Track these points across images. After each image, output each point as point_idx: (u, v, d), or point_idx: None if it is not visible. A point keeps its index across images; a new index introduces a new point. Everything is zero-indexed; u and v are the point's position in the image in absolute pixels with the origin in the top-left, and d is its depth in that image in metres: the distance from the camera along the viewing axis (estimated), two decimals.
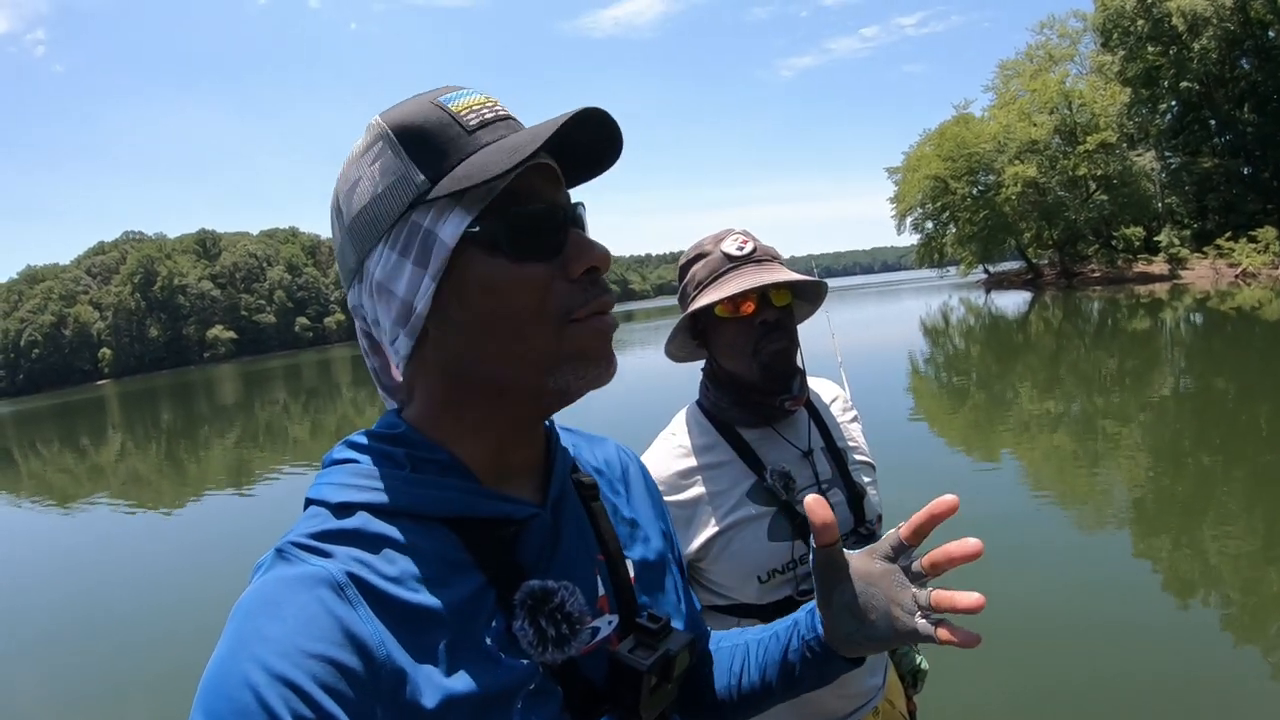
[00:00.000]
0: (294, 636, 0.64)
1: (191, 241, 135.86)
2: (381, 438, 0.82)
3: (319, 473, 0.81)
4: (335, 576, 0.68)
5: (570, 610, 0.77)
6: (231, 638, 0.66)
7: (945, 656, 2.76)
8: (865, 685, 1.74)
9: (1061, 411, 11.71)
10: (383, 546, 0.73)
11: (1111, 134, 41.97)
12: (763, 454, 1.68)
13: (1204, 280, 35.63)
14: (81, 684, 5.93)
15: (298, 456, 16.59)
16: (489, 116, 0.79)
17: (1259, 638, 4.58)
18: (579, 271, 0.78)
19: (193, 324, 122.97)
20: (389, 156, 0.78)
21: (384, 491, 0.76)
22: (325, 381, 43.21)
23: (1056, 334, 23.78)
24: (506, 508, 0.80)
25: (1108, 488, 7.75)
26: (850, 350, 2.68)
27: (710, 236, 1.75)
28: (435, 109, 0.79)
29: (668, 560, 1.03)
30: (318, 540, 0.72)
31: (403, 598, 0.71)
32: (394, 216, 0.77)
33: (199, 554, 9.41)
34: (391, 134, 0.78)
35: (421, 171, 0.76)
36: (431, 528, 0.76)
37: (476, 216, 0.75)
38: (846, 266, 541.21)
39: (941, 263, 56.22)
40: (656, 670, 0.82)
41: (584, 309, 0.78)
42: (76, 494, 15.60)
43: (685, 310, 1.72)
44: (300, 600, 0.67)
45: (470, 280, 0.77)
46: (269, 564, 0.72)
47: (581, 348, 0.78)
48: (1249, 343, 17.12)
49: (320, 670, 0.63)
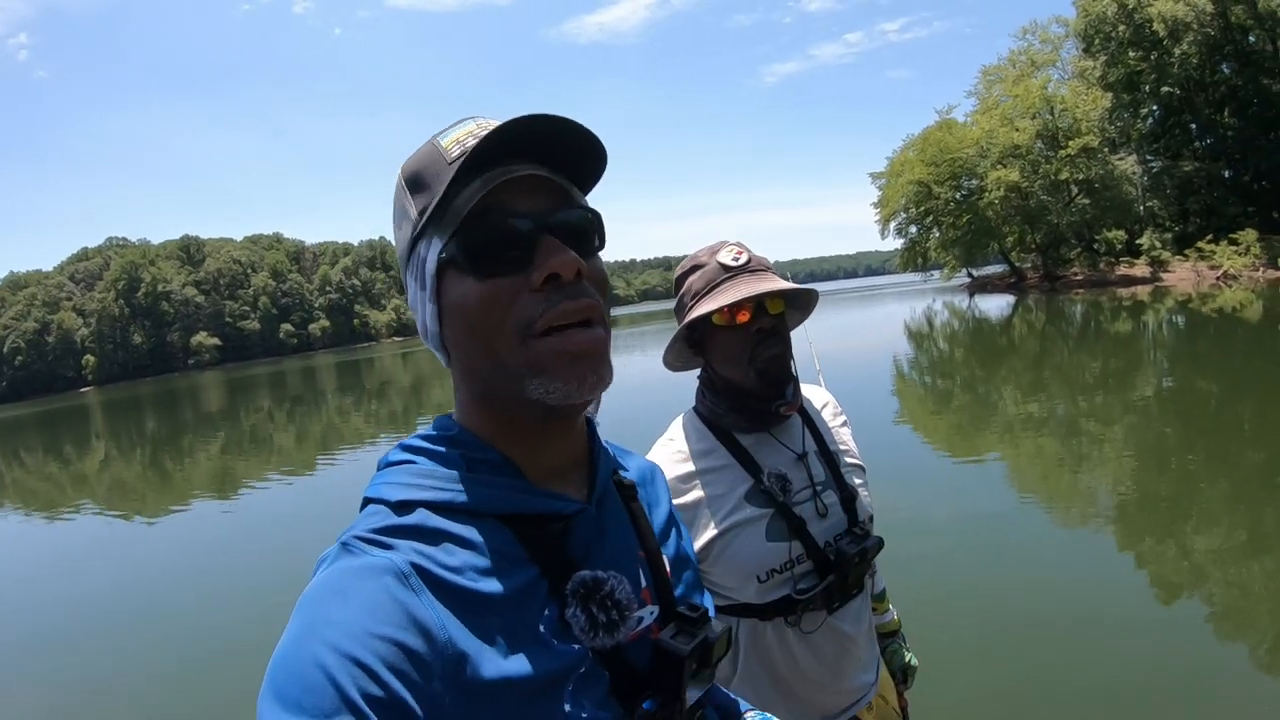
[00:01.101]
0: (361, 620, 0.67)
1: (175, 247, 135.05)
2: (437, 439, 0.87)
3: (376, 474, 0.86)
4: (399, 565, 0.72)
5: (619, 598, 0.81)
6: (300, 622, 0.69)
7: (934, 653, 2.78)
8: (860, 681, 1.78)
9: (1045, 413, 11.77)
10: (442, 540, 0.77)
11: (1093, 138, 42.19)
12: (759, 458, 1.72)
13: (1185, 282, 35.88)
14: (67, 691, 5.89)
15: (283, 464, 16.54)
16: (470, 144, 0.81)
17: (1242, 633, 4.63)
18: (539, 282, 0.80)
19: (177, 331, 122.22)
20: (401, 196, 0.87)
21: (441, 490, 0.80)
22: (310, 389, 43.02)
23: (1040, 337, 23.93)
24: (556, 504, 0.85)
25: (1092, 488, 7.81)
26: (835, 355, 2.69)
27: (705, 249, 1.79)
28: (431, 147, 0.85)
29: (691, 559, 1.09)
30: (381, 534, 0.76)
31: (462, 586, 0.74)
32: (407, 250, 0.87)
33: (184, 561, 9.36)
34: (401, 177, 0.87)
35: (416, 206, 0.85)
36: (487, 523, 0.80)
37: (445, 242, 0.82)
38: (831, 271, 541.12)
39: (925, 267, 56.36)
40: (696, 655, 0.87)
41: (544, 319, 0.79)
42: (60, 502, 15.47)
43: (683, 320, 1.76)
44: (366, 587, 0.70)
45: (452, 301, 0.83)
46: (334, 556, 0.75)
47: (544, 363, 0.80)
48: (1231, 344, 17.29)
49: (386, 651, 0.66)
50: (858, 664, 1.77)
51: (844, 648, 1.73)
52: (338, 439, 19.12)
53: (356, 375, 48.57)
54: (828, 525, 1.70)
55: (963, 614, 5.06)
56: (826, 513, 1.71)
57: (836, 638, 1.72)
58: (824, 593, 1.65)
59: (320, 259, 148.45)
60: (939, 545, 6.28)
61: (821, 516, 1.70)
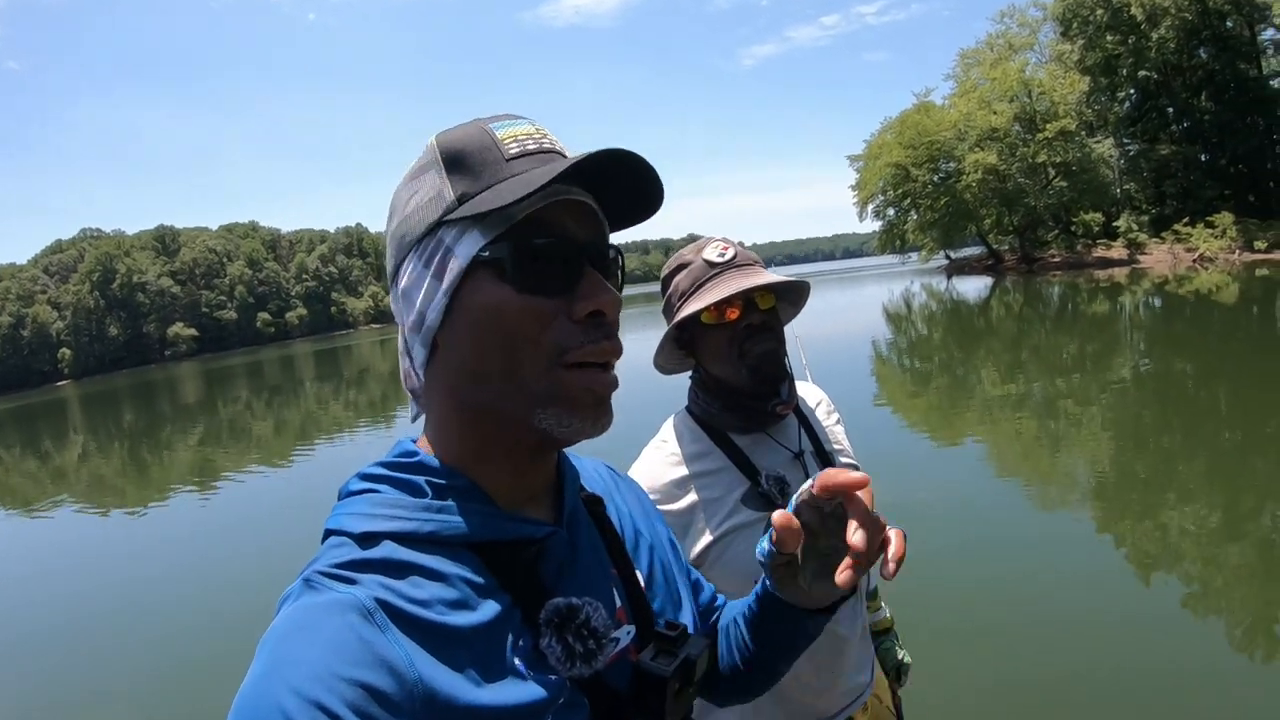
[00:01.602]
0: (325, 660, 0.65)
1: (150, 238, 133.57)
2: (399, 466, 0.83)
3: (336, 504, 0.82)
4: (363, 602, 0.69)
5: (596, 625, 0.78)
6: (264, 663, 0.67)
7: (927, 651, 2.77)
8: (855, 682, 1.76)
9: (1023, 394, 11.85)
10: (409, 573, 0.74)
11: (1071, 121, 42.46)
12: (755, 459, 1.69)
13: (1162, 265, 36.20)
14: (46, 686, 5.84)
15: (262, 454, 16.45)
16: (531, 148, 0.81)
17: (1219, 614, 4.70)
18: (582, 313, 0.78)
19: (153, 322, 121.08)
20: (433, 173, 0.82)
21: (407, 520, 0.77)
22: (288, 378, 42.80)
23: (1018, 318, 24.11)
24: (527, 529, 0.81)
25: (1070, 469, 7.87)
26: (813, 338, 2.65)
27: (691, 246, 1.76)
28: (482, 133, 0.82)
29: (669, 562, 1.05)
30: (344, 569, 0.73)
31: (431, 620, 0.71)
32: (425, 229, 0.81)
33: (164, 554, 9.31)
34: (439, 152, 0.82)
35: (454, 190, 0.80)
36: (456, 553, 0.77)
37: (490, 241, 0.77)
38: (809, 254, 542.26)
39: (903, 249, 56.68)
40: (678, 676, 0.84)
41: (579, 352, 0.78)
42: (39, 498, 15.34)
43: (671, 321, 1.73)
44: (330, 625, 0.67)
45: (476, 302, 0.78)
46: (297, 593, 0.72)
47: (569, 395, 0.78)
48: (1207, 325, 17.46)
49: (351, 693, 0.64)
50: (852, 665, 1.75)
51: (839, 650, 1.71)
52: (316, 428, 19.08)
53: (335, 363, 48.40)
54: None
55: (944, 602, 5.06)
56: None
57: (831, 640, 1.68)
58: None
59: (296, 247, 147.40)
60: (918, 530, 6.28)
61: None
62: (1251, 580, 5.05)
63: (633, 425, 1.95)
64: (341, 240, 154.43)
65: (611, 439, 1.09)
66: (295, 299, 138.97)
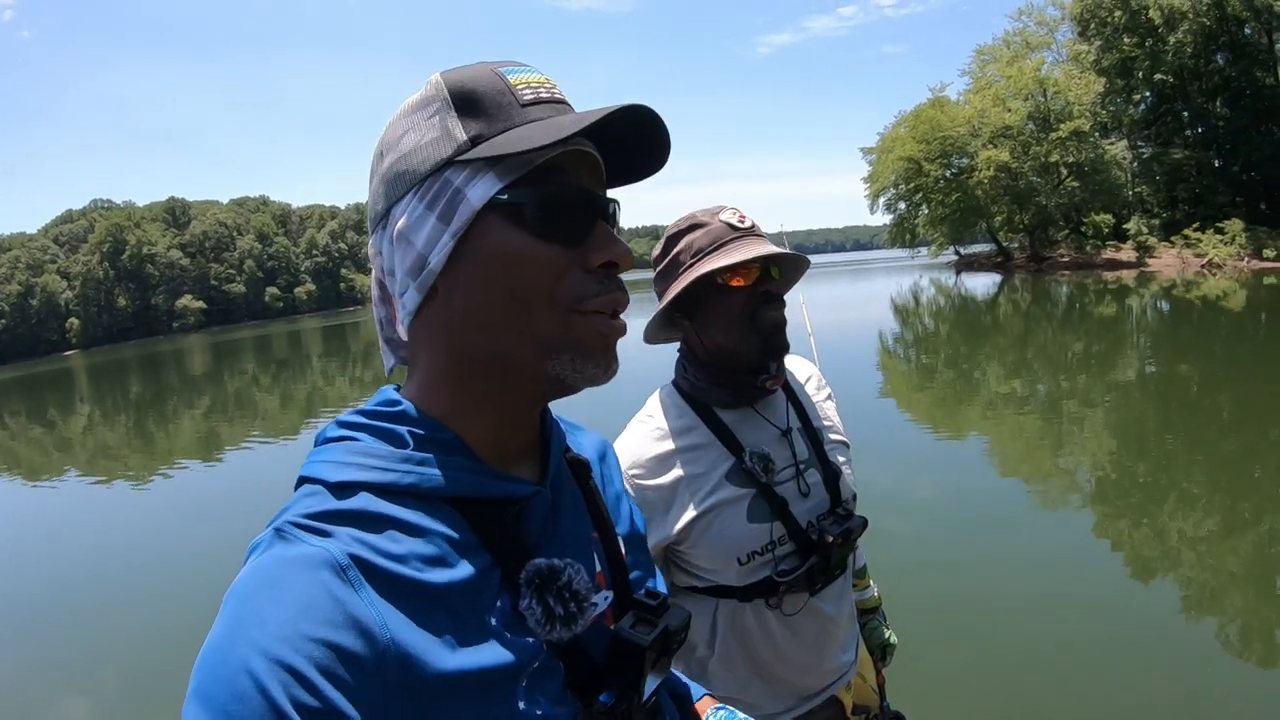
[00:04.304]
0: (294, 620, 0.62)
1: (161, 210, 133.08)
2: (380, 415, 0.80)
3: (312, 450, 0.80)
4: (337, 558, 0.66)
5: (577, 588, 0.77)
6: (229, 620, 0.64)
7: (913, 631, 2.85)
8: (839, 661, 1.76)
9: (1028, 392, 11.88)
10: (386, 526, 0.71)
11: (1085, 122, 42.20)
12: (741, 435, 1.67)
13: (1170, 269, 36.01)
14: (52, 654, 5.93)
15: (268, 427, 16.51)
16: (544, 95, 0.79)
17: (1215, 614, 4.74)
18: (597, 263, 0.78)
19: (162, 294, 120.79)
20: (440, 112, 0.78)
21: (386, 470, 0.74)
22: (295, 352, 42.80)
23: (1025, 316, 24.04)
24: (511, 487, 0.80)
25: (1072, 467, 7.90)
26: (822, 327, 2.73)
27: (703, 210, 1.71)
28: (494, 77, 0.79)
29: (643, 538, 1.05)
30: (318, 520, 0.70)
31: (407, 577, 0.69)
32: (429, 169, 0.77)
33: (169, 524, 9.38)
34: (447, 91, 0.79)
35: (466, 131, 0.77)
36: (436, 507, 0.75)
37: (508, 185, 0.75)
38: (819, 244, 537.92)
39: (913, 243, 56.44)
40: (657, 646, 0.83)
41: (595, 301, 0.77)
42: (45, 466, 15.46)
43: (678, 278, 1.66)
44: (300, 582, 0.64)
45: (488, 247, 0.76)
46: (267, 543, 0.69)
47: (583, 340, 0.77)
48: (1213, 331, 17.40)
49: (321, 655, 0.61)
50: (838, 644, 1.74)
51: (825, 629, 1.69)
52: (322, 402, 19.10)
53: (342, 339, 48.37)
54: (810, 505, 1.65)
55: (939, 590, 5.13)
56: (809, 492, 1.66)
57: (818, 619, 1.67)
58: (806, 575, 1.61)
59: (307, 222, 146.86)
60: (918, 521, 6.35)
61: (804, 496, 1.65)
62: (1245, 584, 5.09)
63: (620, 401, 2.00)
64: (352, 217, 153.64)
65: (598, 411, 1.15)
66: (304, 274, 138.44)
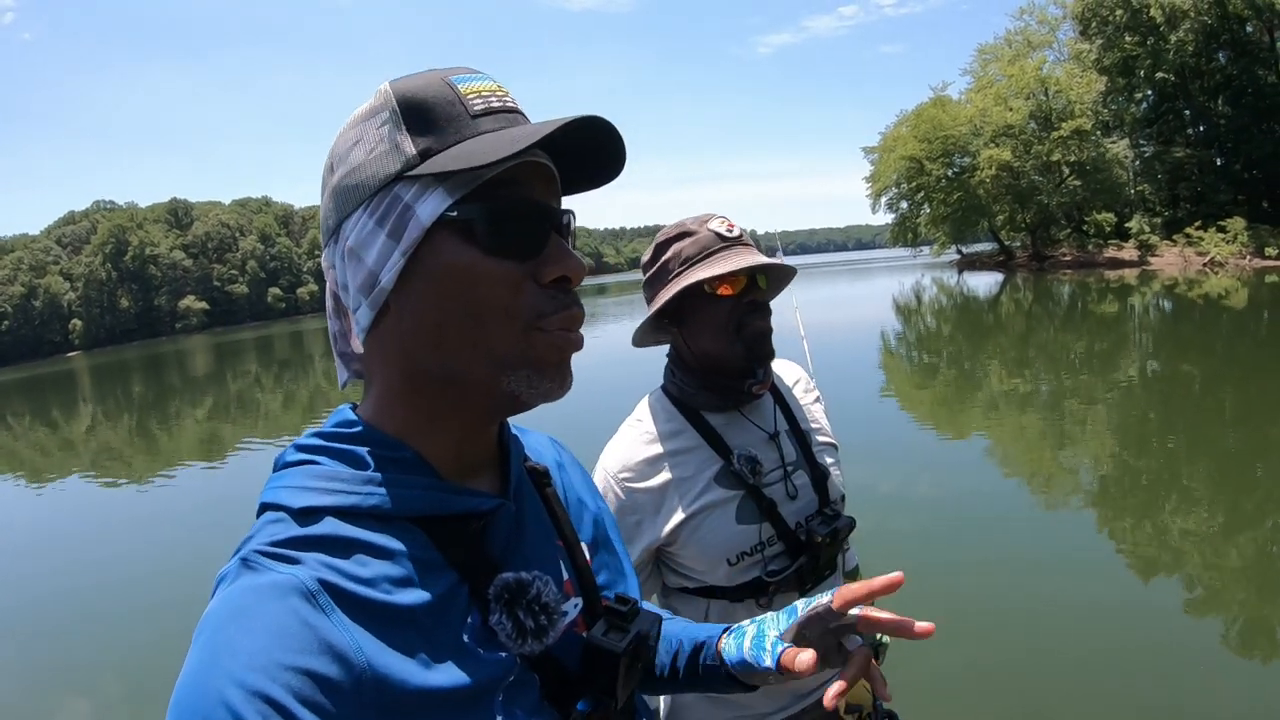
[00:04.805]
0: (268, 649, 0.62)
1: (163, 211, 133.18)
2: (339, 436, 0.79)
3: (272, 475, 0.79)
4: (306, 584, 0.66)
5: (547, 600, 0.77)
6: (202, 651, 0.63)
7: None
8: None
9: (1030, 391, 11.89)
10: (353, 550, 0.70)
11: (1086, 121, 42.20)
12: (729, 438, 1.69)
13: (1172, 267, 36.01)
14: (53, 658, 5.95)
15: (270, 429, 16.59)
16: (495, 105, 0.78)
17: (1216, 614, 4.75)
18: (549, 278, 0.77)
19: (164, 295, 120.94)
20: (388, 124, 0.76)
21: (349, 494, 0.73)
22: (298, 353, 42.90)
23: (1027, 315, 24.06)
24: (474, 502, 0.79)
25: (1074, 467, 7.91)
26: (823, 327, 2.75)
27: (692, 218, 1.74)
28: (444, 86, 0.77)
29: (610, 538, 1.04)
30: (284, 547, 0.69)
31: (377, 600, 0.68)
32: (378, 184, 0.76)
33: (171, 525, 9.43)
34: (395, 102, 0.76)
35: (415, 145, 0.75)
36: (401, 528, 0.74)
37: (457, 201, 0.73)
38: (820, 243, 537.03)
39: (915, 242, 56.47)
40: (630, 651, 0.83)
41: (554, 318, 0.76)
42: (48, 467, 15.50)
43: (663, 287, 1.70)
44: (271, 610, 0.64)
45: (439, 265, 0.74)
46: (234, 574, 0.69)
47: (541, 357, 0.77)
48: (1215, 330, 17.42)
49: (296, 682, 0.61)
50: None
51: None
52: (325, 403, 19.10)
53: None
54: (798, 506, 1.68)
55: (939, 590, 5.11)
56: (797, 494, 1.69)
57: None
58: (796, 574, 1.64)
59: (309, 223, 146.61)
60: (919, 521, 6.36)
61: (792, 498, 1.68)
62: (1248, 583, 5.11)
63: (609, 408, 2.02)
64: None
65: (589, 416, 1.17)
66: (307, 275, 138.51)
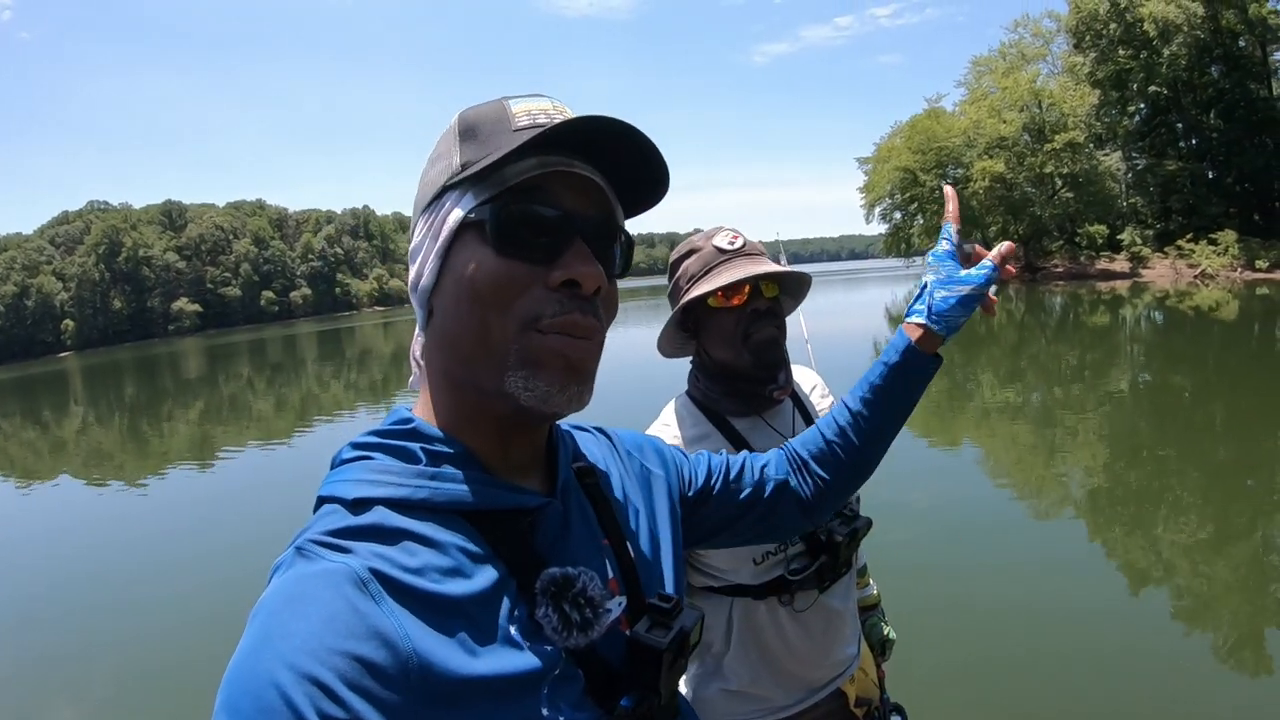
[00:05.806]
0: (319, 633, 0.63)
1: (157, 212, 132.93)
2: (393, 434, 0.83)
3: (330, 471, 0.82)
4: (357, 572, 0.68)
5: (593, 595, 0.79)
6: (255, 635, 0.65)
7: (910, 629, 2.89)
8: (844, 654, 1.84)
9: (1021, 402, 11.93)
10: (402, 539, 0.73)
11: (1079, 134, 42.39)
12: (752, 441, 1.75)
13: (1164, 279, 36.18)
14: (41, 655, 5.92)
15: (262, 431, 16.51)
16: (541, 120, 0.81)
17: (1206, 623, 4.77)
18: (556, 282, 0.78)
19: (157, 296, 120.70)
20: (449, 141, 0.85)
21: (400, 486, 0.76)
22: (290, 357, 42.79)
23: (1019, 326, 24.11)
24: (521, 498, 0.82)
25: (1065, 477, 7.94)
26: (817, 336, 2.80)
27: (702, 234, 1.83)
28: (499, 106, 0.84)
29: (661, 536, 1.04)
30: (337, 537, 0.72)
31: (425, 590, 0.70)
32: (434, 194, 0.84)
33: (162, 527, 9.40)
34: (458, 122, 0.85)
35: (461, 157, 0.82)
36: (450, 520, 0.77)
37: (478, 204, 0.79)
38: (814, 253, 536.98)
39: (908, 253, 56.48)
40: (674, 648, 0.85)
41: (551, 320, 0.78)
42: (38, 468, 15.45)
43: (678, 303, 1.78)
44: (323, 597, 0.66)
45: (460, 264, 0.80)
46: (289, 562, 0.71)
47: (537, 358, 0.78)
48: (1206, 341, 17.49)
49: (346, 667, 0.63)
50: (843, 638, 1.83)
51: (832, 623, 1.79)
52: (317, 408, 19.11)
53: (337, 344, 48.39)
54: None
55: (936, 593, 5.17)
56: None
57: (826, 614, 1.77)
58: (816, 573, 1.71)
59: (303, 226, 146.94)
60: (914, 529, 6.38)
61: None
62: (1238, 591, 5.14)
63: (635, 408, 2.05)
64: (348, 222, 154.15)
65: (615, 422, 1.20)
66: (300, 279, 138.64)
